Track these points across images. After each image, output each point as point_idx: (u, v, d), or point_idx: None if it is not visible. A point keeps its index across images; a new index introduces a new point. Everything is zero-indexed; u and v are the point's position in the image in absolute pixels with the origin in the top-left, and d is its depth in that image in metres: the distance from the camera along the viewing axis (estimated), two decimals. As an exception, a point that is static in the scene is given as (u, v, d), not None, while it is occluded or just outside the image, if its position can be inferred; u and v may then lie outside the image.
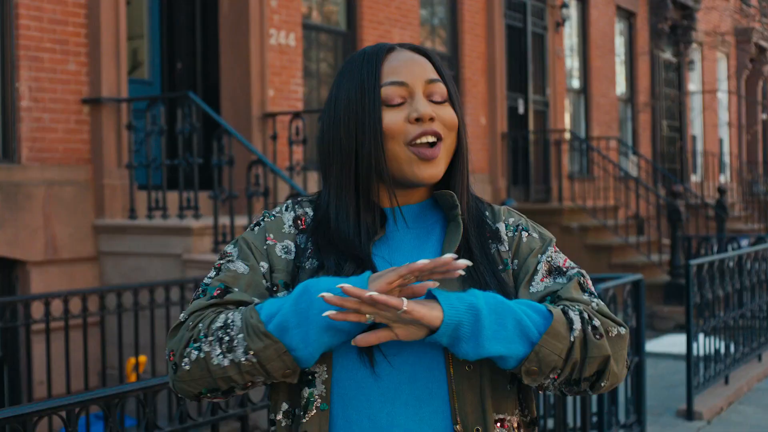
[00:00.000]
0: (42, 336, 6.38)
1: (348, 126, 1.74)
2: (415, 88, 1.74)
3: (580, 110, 15.83)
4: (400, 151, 1.72)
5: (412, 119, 1.71)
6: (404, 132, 1.72)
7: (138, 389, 2.98)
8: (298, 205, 1.82)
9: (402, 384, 1.66)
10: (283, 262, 1.74)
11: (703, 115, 20.35)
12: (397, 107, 1.73)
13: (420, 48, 1.81)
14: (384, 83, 1.74)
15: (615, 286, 5.39)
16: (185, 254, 7.13)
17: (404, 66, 1.76)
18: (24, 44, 7.31)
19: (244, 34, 9.15)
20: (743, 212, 18.30)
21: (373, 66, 1.75)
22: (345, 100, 1.75)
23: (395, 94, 1.73)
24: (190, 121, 7.38)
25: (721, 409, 6.82)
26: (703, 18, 19.44)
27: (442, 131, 1.74)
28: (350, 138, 1.74)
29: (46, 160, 7.46)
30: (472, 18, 12.68)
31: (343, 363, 1.67)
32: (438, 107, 1.75)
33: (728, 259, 7.39)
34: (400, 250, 1.75)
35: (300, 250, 1.75)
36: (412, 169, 1.72)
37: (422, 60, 1.78)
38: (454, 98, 1.79)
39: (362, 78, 1.74)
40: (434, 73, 1.77)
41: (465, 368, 1.66)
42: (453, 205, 1.75)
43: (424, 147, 1.71)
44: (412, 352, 1.67)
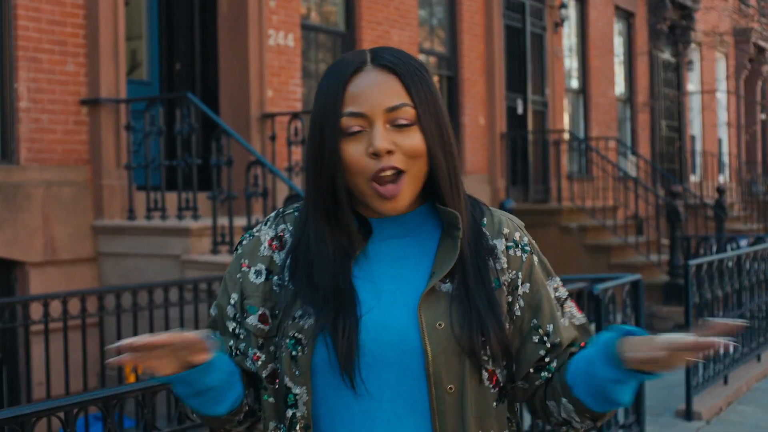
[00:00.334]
0: (41, 337, 6.38)
1: (315, 150, 1.71)
2: (374, 117, 1.66)
3: (579, 110, 15.83)
4: (364, 186, 1.68)
5: (370, 153, 1.66)
6: (364, 167, 1.66)
7: (137, 390, 2.98)
8: (281, 220, 1.80)
9: (383, 402, 1.66)
10: (253, 286, 1.75)
11: (702, 115, 20.35)
12: (356, 137, 1.67)
13: (390, 64, 1.70)
14: (344, 113, 1.67)
15: (614, 287, 5.39)
16: (184, 255, 7.13)
17: (365, 93, 1.68)
18: (23, 45, 7.31)
19: (243, 34, 9.14)
20: (742, 212, 18.30)
21: (337, 88, 1.69)
22: (313, 123, 1.73)
23: (352, 124, 1.67)
24: (189, 121, 7.37)
25: (720, 409, 6.82)
26: (702, 18, 19.45)
27: (404, 163, 1.67)
28: (318, 163, 1.71)
29: (45, 160, 7.46)
30: (471, 18, 12.68)
31: (325, 382, 1.67)
32: (401, 135, 1.67)
33: (727, 259, 7.39)
34: (384, 260, 1.73)
35: (278, 267, 1.74)
36: (375, 204, 1.68)
37: (390, 81, 1.69)
38: (424, 119, 1.69)
39: (327, 99, 1.70)
40: (400, 97, 1.67)
41: (447, 390, 1.65)
42: (455, 226, 1.71)
43: (383, 185, 1.66)
44: (394, 371, 1.66)
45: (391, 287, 1.70)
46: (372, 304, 1.68)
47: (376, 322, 1.66)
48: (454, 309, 1.66)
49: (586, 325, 1.81)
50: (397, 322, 1.66)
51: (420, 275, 1.70)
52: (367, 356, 1.65)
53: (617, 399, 1.65)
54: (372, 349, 1.65)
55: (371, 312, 1.67)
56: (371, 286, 1.70)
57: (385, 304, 1.68)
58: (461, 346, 1.64)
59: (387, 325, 1.66)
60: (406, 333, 1.65)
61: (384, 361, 1.65)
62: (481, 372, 1.67)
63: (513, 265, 1.75)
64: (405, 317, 1.66)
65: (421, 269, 1.71)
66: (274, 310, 1.72)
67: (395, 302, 1.68)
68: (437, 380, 1.64)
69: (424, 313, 1.66)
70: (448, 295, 1.68)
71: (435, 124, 1.70)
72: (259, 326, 1.73)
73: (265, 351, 1.73)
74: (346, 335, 1.64)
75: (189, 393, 1.67)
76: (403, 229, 1.75)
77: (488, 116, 12.93)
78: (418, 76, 1.71)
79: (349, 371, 1.64)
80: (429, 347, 1.64)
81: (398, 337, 1.65)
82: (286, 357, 1.68)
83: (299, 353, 1.67)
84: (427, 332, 1.64)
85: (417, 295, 1.68)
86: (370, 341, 1.65)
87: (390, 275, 1.71)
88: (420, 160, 1.69)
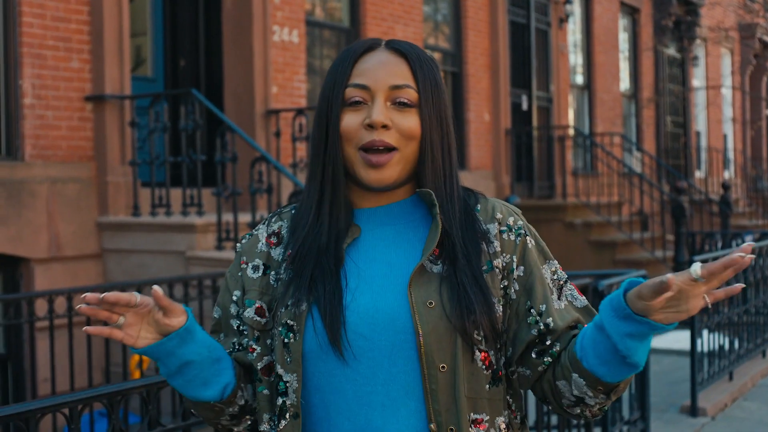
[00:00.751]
0: (46, 333, 6.39)
1: (320, 126, 1.76)
2: (376, 92, 1.72)
3: (584, 106, 15.81)
4: (353, 154, 1.72)
5: (366, 125, 1.70)
6: (357, 136, 1.71)
7: (141, 386, 2.99)
8: (277, 218, 1.85)
9: (377, 386, 1.67)
10: (251, 281, 1.78)
11: (707, 111, 20.32)
12: (356, 109, 1.72)
13: (401, 48, 1.77)
14: (349, 84, 1.73)
15: (618, 283, 5.38)
16: (189, 251, 7.13)
17: (373, 69, 1.74)
18: (27, 42, 7.32)
19: (247, 30, 9.14)
20: (747, 208, 18.28)
21: (346, 65, 1.75)
22: (320, 99, 1.78)
23: (355, 95, 1.72)
24: (194, 118, 7.38)
25: (725, 405, 6.81)
26: (707, 13, 19.41)
27: (397, 141, 1.71)
28: (320, 139, 1.76)
29: (50, 157, 7.46)
30: (476, 14, 12.67)
31: (317, 369, 1.69)
32: (399, 114, 1.72)
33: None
34: (375, 246, 1.75)
35: (275, 263, 1.78)
36: (361, 173, 1.71)
37: (397, 62, 1.75)
38: (425, 104, 1.73)
39: (335, 77, 1.75)
40: (405, 78, 1.73)
41: (440, 368, 1.66)
42: (432, 203, 1.74)
43: (372, 153, 1.70)
44: (387, 354, 1.67)
45: (380, 271, 1.71)
46: (363, 288, 1.70)
47: (368, 305, 1.68)
48: (444, 288, 1.68)
49: (588, 307, 1.80)
50: (387, 304, 1.68)
51: (411, 259, 1.72)
52: (360, 340, 1.66)
53: (631, 358, 1.59)
54: (364, 332, 1.67)
55: (362, 296, 1.69)
56: (362, 271, 1.72)
57: (376, 288, 1.70)
58: (452, 324, 1.65)
59: (378, 308, 1.68)
60: (396, 313, 1.67)
61: (376, 344, 1.66)
62: (473, 351, 1.67)
63: (507, 249, 1.76)
64: (395, 298, 1.68)
65: (412, 253, 1.73)
66: (271, 303, 1.75)
67: (386, 285, 1.70)
68: (429, 359, 1.65)
69: (413, 293, 1.67)
70: (438, 276, 1.69)
71: (435, 112, 1.74)
72: (256, 318, 1.76)
73: (261, 343, 1.76)
74: (331, 313, 1.66)
75: (172, 370, 1.68)
76: (396, 218, 1.77)
77: (493, 112, 12.92)
78: (426, 65, 1.76)
79: (337, 342, 1.65)
80: (420, 326, 1.65)
81: (389, 318, 1.67)
82: (279, 344, 1.71)
83: (291, 339, 1.69)
84: (417, 311, 1.66)
85: (406, 277, 1.69)
86: (362, 325, 1.67)
87: (381, 260, 1.73)
88: (413, 143, 1.72)
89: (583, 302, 1.80)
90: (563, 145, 13.81)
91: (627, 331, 1.57)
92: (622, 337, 1.58)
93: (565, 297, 1.77)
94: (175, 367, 1.68)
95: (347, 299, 1.69)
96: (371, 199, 1.77)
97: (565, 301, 1.77)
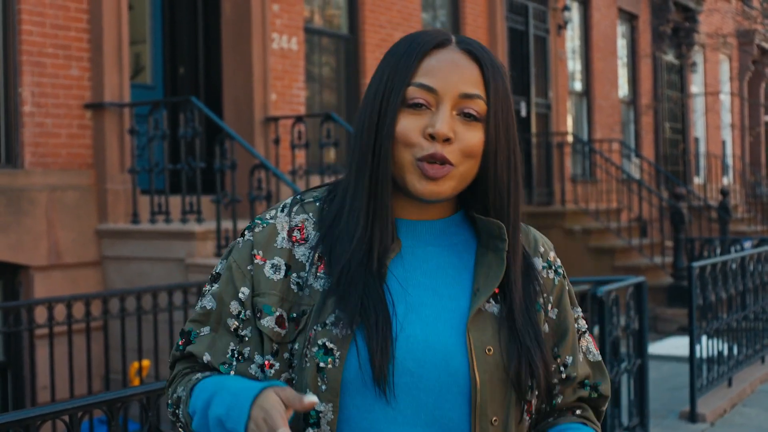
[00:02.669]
0: (45, 341, 6.39)
1: (370, 119, 1.55)
2: (444, 98, 1.52)
3: (583, 113, 15.83)
4: (408, 163, 1.52)
5: (427, 134, 1.51)
6: (416, 145, 1.51)
7: (141, 393, 2.99)
8: (299, 208, 1.61)
9: (418, 427, 1.50)
10: (270, 283, 1.55)
11: (705, 117, 20.34)
12: (418, 112, 1.53)
13: (474, 51, 1.56)
14: (413, 82, 1.53)
15: (617, 289, 5.39)
16: (188, 258, 7.14)
17: (443, 69, 1.54)
18: (26, 49, 7.33)
19: (246, 38, 9.16)
20: (746, 214, 18.29)
21: (411, 59, 1.54)
22: (374, 89, 1.57)
23: (419, 96, 1.53)
24: (193, 125, 7.39)
25: (725, 411, 6.81)
26: (705, 20, 19.44)
27: (455, 157, 1.52)
28: (369, 137, 1.55)
29: (49, 165, 7.47)
30: (474, 21, 12.69)
31: (353, 401, 1.50)
32: (464, 126, 1.53)
33: (731, 261, 7.38)
34: (419, 268, 1.57)
35: (298, 264, 1.56)
36: (414, 183, 1.52)
37: (470, 66, 1.55)
38: (494, 119, 1.54)
39: (396, 70, 1.54)
40: (477, 87, 1.54)
41: (491, 421, 1.51)
42: (498, 238, 1.57)
43: (429, 163, 1.51)
44: (433, 395, 1.50)
45: (427, 300, 1.54)
46: (412, 318, 1.52)
47: (418, 339, 1.50)
48: (502, 334, 1.53)
49: (601, 364, 1.70)
50: (441, 342, 1.51)
51: (460, 290, 1.56)
52: (406, 376, 1.49)
53: None
54: (411, 368, 1.49)
55: (411, 326, 1.51)
56: (405, 294, 1.54)
57: (426, 319, 1.52)
58: (508, 376, 1.51)
59: (430, 344, 1.50)
60: (451, 355, 1.50)
61: (423, 383, 1.49)
62: (522, 403, 1.55)
63: (546, 287, 1.64)
64: (450, 337, 1.51)
65: (461, 283, 1.57)
66: (291, 312, 1.54)
67: (437, 317, 1.53)
68: (482, 410, 1.50)
69: (472, 336, 1.51)
70: (495, 318, 1.54)
71: (504, 128, 1.56)
72: (276, 330, 1.54)
73: (279, 358, 1.54)
74: (380, 344, 1.47)
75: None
76: (439, 237, 1.61)
77: (492, 119, 12.91)
78: (499, 74, 1.57)
79: (384, 378, 1.46)
80: (478, 373, 1.49)
81: (442, 358, 1.50)
82: (311, 368, 1.49)
83: (329, 365, 1.48)
84: (476, 357, 1.50)
85: (459, 312, 1.53)
86: (410, 360, 1.49)
87: (425, 286, 1.56)
88: (473, 161, 1.54)
89: (597, 357, 1.70)
90: (562, 151, 13.82)
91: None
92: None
93: (580, 349, 1.68)
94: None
95: (396, 329, 1.50)
96: (413, 211, 1.60)
97: (582, 355, 1.68)
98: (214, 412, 1.44)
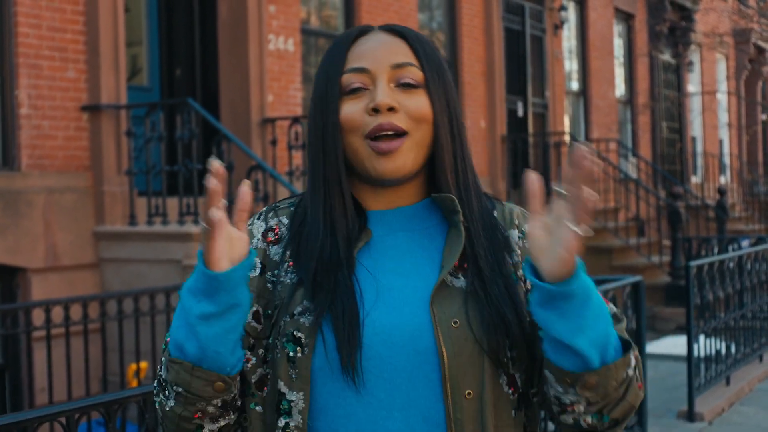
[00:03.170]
0: (43, 343, 6.39)
1: (315, 119, 1.59)
2: (377, 74, 1.54)
3: (580, 112, 15.84)
4: (360, 146, 1.54)
5: (370, 109, 1.52)
6: (362, 124, 1.53)
7: (138, 395, 2.99)
8: (273, 213, 1.64)
9: (394, 411, 1.48)
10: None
11: (702, 116, 20.36)
12: (356, 96, 1.55)
13: (397, 28, 1.60)
14: (346, 70, 1.56)
15: (615, 288, 5.39)
16: (185, 260, 7.13)
17: (370, 50, 1.57)
18: (23, 52, 7.33)
19: (243, 39, 9.16)
20: (743, 213, 18.31)
21: (339, 52, 1.58)
22: (314, 92, 1.61)
23: (354, 81, 1.55)
24: (190, 127, 7.39)
25: (723, 410, 6.82)
26: (702, 19, 19.46)
27: (406, 124, 1.53)
28: (317, 133, 1.58)
29: (46, 167, 7.47)
30: (471, 21, 12.70)
31: (325, 389, 1.49)
32: (405, 95, 1.54)
33: (728, 260, 7.39)
34: (387, 254, 1.57)
35: (272, 262, 1.58)
36: (372, 164, 1.53)
37: (396, 42, 1.58)
38: (432, 84, 1.56)
39: (328, 66, 1.58)
40: (407, 57, 1.56)
41: (465, 395, 1.48)
42: (453, 210, 1.56)
43: (381, 140, 1.52)
44: (406, 376, 1.48)
45: (396, 283, 1.53)
46: (378, 303, 1.51)
47: (384, 321, 1.49)
48: (470, 305, 1.50)
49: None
50: (407, 321, 1.49)
51: (429, 270, 1.54)
52: (375, 359, 1.48)
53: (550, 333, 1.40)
54: (380, 351, 1.48)
55: (377, 310, 1.50)
56: (374, 281, 1.53)
57: (393, 302, 1.51)
58: (481, 346, 1.48)
59: (396, 324, 1.49)
60: (418, 332, 1.49)
61: (394, 365, 1.48)
62: (500, 375, 1.50)
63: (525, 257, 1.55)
64: (415, 315, 1.50)
65: (430, 264, 1.55)
66: (267, 308, 1.56)
67: (404, 299, 1.52)
68: (454, 385, 1.47)
69: (436, 310, 1.49)
70: (462, 291, 1.52)
71: (443, 93, 1.57)
72: (252, 324, 1.55)
73: (255, 353, 1.55)
74: (346, 328, 1.47)
75: (219, 309, 1.41)
76: (409, 222, 1.60)
77: (489, 119, 12.94)
78: (427, 43, 1.60)
79: (351, 365, 1.46)
80: (444, 347, 1.47)
81: (409, 337, 1.49)
82: (282, 358, 1.51)
83: (298, 353, 1.49)
84: (441, 331, 1.48)
85: (426, 291, 1.51)
86: (378, 342, 1.48)
87: (396, 271, 1.55)
88: (424, 126, 1.54)
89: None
90: (559, 151, 13.82)
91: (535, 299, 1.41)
92: (534, 308, 1.41)
93: None
94: (225, 305, 1.41)
95: (362, 314, 1.50)
96: (381, 200, 1.60)
97: None
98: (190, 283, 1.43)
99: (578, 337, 1.39)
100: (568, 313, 1.39)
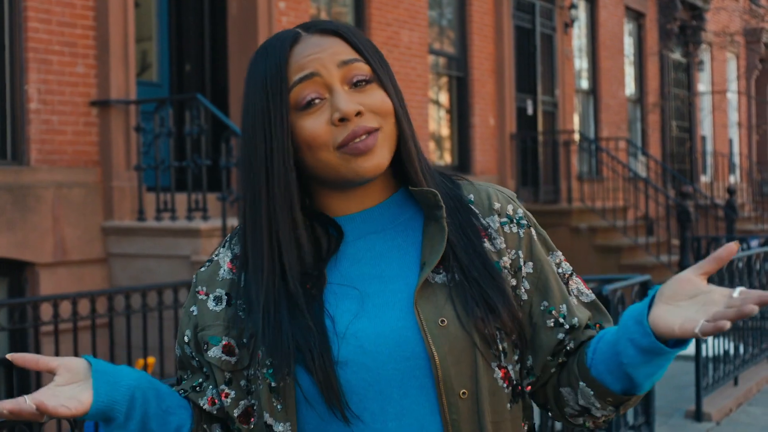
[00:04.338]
0: (51, 337, 6.40)
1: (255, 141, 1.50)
2: (330, 78, 1.47)
3: (589, 111, 15.81)
4: (332, 158, 1.46)
5: (336, 120, 1.45)
6: (330, 137, 1.45)
7: (145, 391, 2.98)
8: (237, 239, 1.56)
9: (388, 422, 1.43)
10: (213, 314, 1.52)
11: (712, 116, 20.31)
12: (314, 110, 1.47)
13: (328, 26, 1.53)
14: (292, 84, 1.47)
15: (623, 287, 5.38)
16: (194, 255, 7.14)
17: (310, 55, 1.48)
18: (32, 47, 7.33)
19: (253, 36, 9.15)
20: (753, 213, 18.26)
21: (276, 64, 1.49)
22: (250, 109, 1.53)
23: (307, 93, 1.47)
24: (199, 122, 7.39)
25: (731, 410, 6.80)
26: (713, 18, 19.41)
27: (375, 122, 1.47)
28: (259, 156, 1.49)
29: (55, 162, 7.48)
30: (481, 19, 12.68)
31: (313, 414, 1.44)
32: (363, 94, 1.48)
33: (737, 260, 7.37)
34: (363, 260, 1.51)
35: (241, 291, 1.51)
36: (350, 167, 1.46)
37: (334, 41, 1.50)
38: (381, 74, 1.50)
39: (266, 81, 1.50)
40: (349, 53, 1.49)
41: (460, 395, 1.43)
42: (435, 206, 1.49)
43: (356, 143, 1.45)
44: (396, 385, 1.43)
45: (374, 289, 1.48)
46: (357, 312, 1.45)
47: (368, 331, 1.43)
48: (455, 300, 1.45)
49: (596, 303, 1.60)
50: (390, 328, 1.44)
51: (408, 270, 1.49)
52: (363, 372, 1.43)
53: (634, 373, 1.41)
54: (367, 363, 1.42)
55: (360, 321, 1.44)
56: (353, 291, 1.48)
57: (374, 309, 1.45)
58: (472, 341, 1.43)
59: (380, 333, 1.43)
60: (403, 338, 1.43)
61: (383, 375, 1.43)
62: (493, 369, 1.46)
63: (511, 244, 1.53)
64: (400, 319, 1.44)
65: (408, 262, 1.50)
66: (241, 338, 1.48)
67: (385, 305, 1.46)
68: (447, 386, 1.42)
69: (421, 311, 1.44)
70: (445, 286, 1.46)
71: (390, 81, 1.52)
72: (224, 358, 1.50)
73: (234, 386, 1.50)
74: (318, 360, 1.41)
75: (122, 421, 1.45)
76: (379, 222, 1.53)
77: (498, 117, 12.92)
78: (360, 33, 1.54)
79: (338, 406, 1.41)
80: (434, 349, 1.42)
81: (395, 344, 1.43)
82: (265, 389, 1.45)
83: (280, 383, 1.43)
84: (429, 332, 1.42)
85: (408, 293, 1.46)
86: (362, 356, 1.42)
87: (370, 275, 1.49)
88: (390, 119, 1.49)
89: (590, 297, 1.60)
90: (568, 149, 13.80)
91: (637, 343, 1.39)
92: (627, 346, 1.40)
93: (572, 293, 1.57)
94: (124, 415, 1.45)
95: (342, 326, 1.44)
96: (350, 203, 1.53)
97: (575, 298, 1.57)
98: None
99: (650, 379, 1.44)
100: (656, 363, 1.41)
